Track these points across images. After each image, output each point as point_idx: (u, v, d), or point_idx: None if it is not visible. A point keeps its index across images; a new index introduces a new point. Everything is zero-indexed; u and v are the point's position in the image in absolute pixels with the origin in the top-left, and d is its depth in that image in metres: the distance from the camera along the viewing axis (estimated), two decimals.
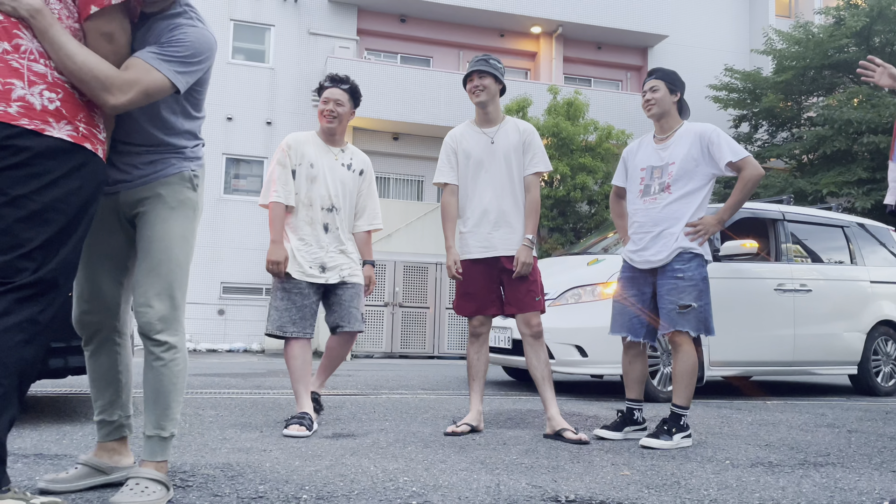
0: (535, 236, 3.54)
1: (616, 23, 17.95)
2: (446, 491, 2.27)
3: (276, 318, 3.53)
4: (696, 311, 3.33)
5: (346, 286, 3.68)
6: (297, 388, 3.54)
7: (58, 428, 3.38)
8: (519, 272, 3.46)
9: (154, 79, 1.96)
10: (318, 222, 3.63)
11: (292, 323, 3.53)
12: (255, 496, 2.13)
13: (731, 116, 17.18)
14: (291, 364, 3.54)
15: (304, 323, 3.55)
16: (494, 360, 5.91)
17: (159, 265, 2.09)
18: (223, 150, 16.05)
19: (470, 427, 3.52)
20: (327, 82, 3.76)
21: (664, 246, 3.40)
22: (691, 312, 3.33)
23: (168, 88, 2.00)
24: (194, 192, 2.19)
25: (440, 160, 3.69)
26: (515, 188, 3.57)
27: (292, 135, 3.74)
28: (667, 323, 3.36)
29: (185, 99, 2.16)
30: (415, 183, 17.68)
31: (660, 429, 3.28)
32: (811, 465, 2.89)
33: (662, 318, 3.39)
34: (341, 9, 17.14)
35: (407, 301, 13.78)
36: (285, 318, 3.52)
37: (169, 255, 2.10)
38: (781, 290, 5.75)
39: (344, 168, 3.75)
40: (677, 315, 3.32)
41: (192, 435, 3.27)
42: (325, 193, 3.65)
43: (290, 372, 3.56)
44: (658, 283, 3.42)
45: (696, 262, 3.38)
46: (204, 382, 6.21)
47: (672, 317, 3.34)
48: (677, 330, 3.34)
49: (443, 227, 3.64)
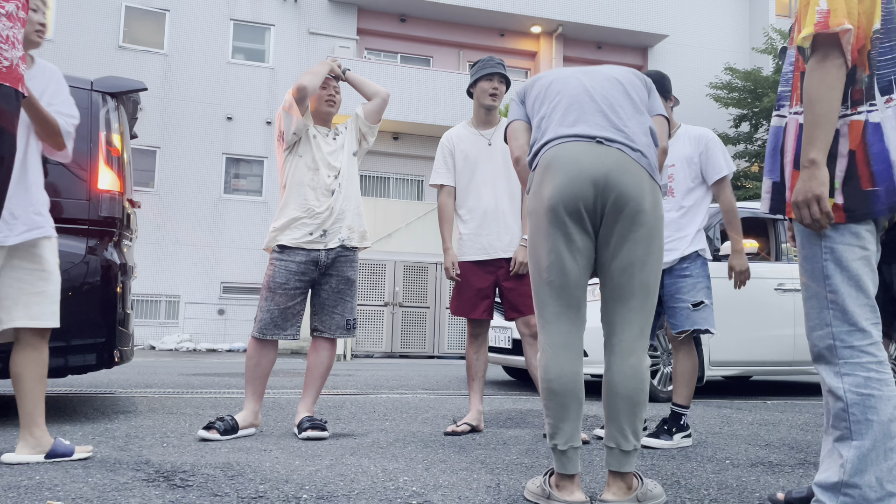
0: None
1: (616, 22, 17.95)
2: (446, 491, 2.26)
3: (259, 319, 3.37)
4: (709, 309, 3.34)
5: (333, 290, 3.45)
6: (246, 390, 3.38)
7: (58, 428, 3.38)
8: (516, 271, 3.47)
9: None
10: (323, 185, 3.42)
11: (274, 325, 3.35)
12: (255, 496, 2.13)
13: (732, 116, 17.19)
14: (248, 363, 3.38)
15: (285, 325, 3.37)
16: (494, 360, 5.91)
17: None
18: (223, 150, 16.05)
19: (470, 427, 3.52)
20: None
21: (673, 247, 3.39)
22: (705, 310, 3.33)
23: None
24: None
25: (436, 161, 3.69)
26: (513, 189, 3.58)
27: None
28: (681, 322, 3.32)
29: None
30: (415, 183, 17.68)
31: (660, 428, 3.29)
32: (811, 465, 2.88)
33: (675, 318, 3.35)
34: (341, 8, 17.14)
35: (407, 301, 13.78)
36: (266, 320, 3.34)
37: None
38: (781, 289, 5.74)
39: (335, 140, 3.53)
40: (692, 313, 3.31)
41: (192, 435, 3.27)
42: (324, 158, 3.45)
43: (245, 371, 3.39)
44: (665, 283, 3.41)
45: (700, 262, 3.39)
46: (204, 382, 6.21)
47: (687, 314, 3.32)
48: (696, 329, 3.31)
49: (440, 228, 3.65)
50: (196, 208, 15.70)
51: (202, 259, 15.64)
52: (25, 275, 2.56)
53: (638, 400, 2.03)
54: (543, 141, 2.15)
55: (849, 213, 1.72)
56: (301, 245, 3.37)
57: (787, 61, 1.92)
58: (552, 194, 2.03)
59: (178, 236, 15.54)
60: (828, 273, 1.74)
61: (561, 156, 2.06)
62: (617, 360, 2.06)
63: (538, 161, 2.13)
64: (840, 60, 1.70)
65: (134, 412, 4.01)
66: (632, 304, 2.06)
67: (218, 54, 16.22)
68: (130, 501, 2.04)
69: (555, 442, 2.04)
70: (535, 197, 2.10)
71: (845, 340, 1.72)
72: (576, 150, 2.05)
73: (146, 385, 5.76)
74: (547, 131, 2.16)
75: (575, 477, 2.03)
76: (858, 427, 1.68)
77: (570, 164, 2.03)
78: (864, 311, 1.72)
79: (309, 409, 3.42)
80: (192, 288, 15.49)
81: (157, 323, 15.33)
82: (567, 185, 2.01)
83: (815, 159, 1.70)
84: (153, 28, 16.01)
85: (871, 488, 1.65)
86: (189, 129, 15.79)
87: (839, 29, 1.68)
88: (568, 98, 2.19)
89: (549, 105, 2.22)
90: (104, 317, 3.46)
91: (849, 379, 1.71)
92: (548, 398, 2.05)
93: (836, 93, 1.70)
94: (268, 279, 3.38)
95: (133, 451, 2.83)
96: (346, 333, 3.49)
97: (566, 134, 2.10)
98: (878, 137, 1.72)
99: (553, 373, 2.02)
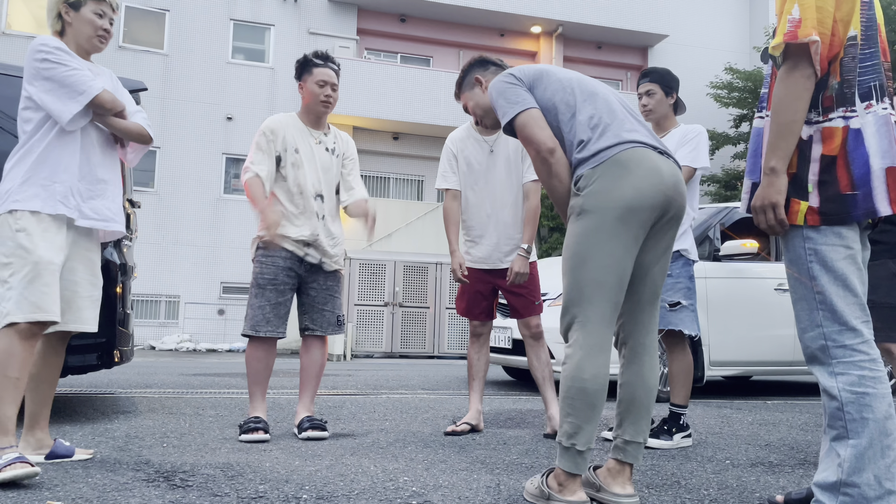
0: (533, 244, 3.54)
1: (616, 22, 17.95)
2: (446, 491, 2.27)
3: (250, 317, 3.30)
4: (687, 310, 3.33)
5: (321, 287, 3.43)
6: (254, 391, 3.33)
7: (58, 428, 3.38)
8: (512, 282, 3.46)
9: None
10: (311, 210, 3.36)
11: (266, 321, 3.29)
12: (255, 496, 2.13)
13: (732, 116, 17.18)
14: (253, 366, 3.32)
15: (277, 321, 3.32)
16: (495, 360, 5.92)
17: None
18: (223, 150, 16.05)
19: (470, 426, 3.52)
20: (318, 59, 3.43)
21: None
22: (683, 311, 3.33)
23: None
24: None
25: (441, 164, 3.68)
26: (516, 196, 3.54)
27: (272, 118, 3.43)
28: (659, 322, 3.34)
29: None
30: (415, 183, 17.69)
31: (660, 428, 3.29)
32: (811, 464, 2.88)
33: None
34: (341, 8, 17.14)
35: (407, 301, 13.78)
36: (259, 317, 3.29)
37: None
38: (781, 289, 5.75)
39: (328, 153, 3.48)
40: (668, 313, 3.32)
41: (192, 435, 3.27)
42: (313, 180, 3.39)
43: (249, 374, 3.33)
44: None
45: (681, 262, 3.38)
46: (204, 382, 6.22)
47: (663, 314, 3.32)
48: (671, 329, 3.33)
49: (446, 231, 3.62)
50: (196, 208, 15.70)
51: (202, 259, 15.64)
52: (80, 278, 2.58)
53: (655, 393, 2.20)
54: (615, 141, 2.08)
55: (824, 216, 1.74)
56: (290, 247, 3.33)
57: (769, 63, 1.93)
58: (633, 196, 2.01)
59: (178, 236, 15.54)
60: (814, 274, 1.75)
61: (641, 160, 2.05)
62: (647, 359, 2.19)
63: (604, 159, 2.06)
64: (809, 71, 1.72)
65: (134, 412, 4.01)
66: (657, 305, 2.22)
67: (218, 54, 16.22)
68: (130, 501, 2.04)
69: (574, 442, 1.99)
70: (600, 195, 2.04)
71: (837, 340, 1.73)
72: (653, 157, 2.07)
73: (146, 385, 5.76)
74: (607, 131, 2.10)
75: (578, 477, 2.04)
76: (855, 426, 1.68)
77: (652, 171, 2.05)
78: (853, 310, 1.73)
79: (308, 408, 3.41)
80: (192, 288, 15.50)
81: (157, 323, 15.33)
82: (648, 189, 2.03)
83: (775, 167, 1.74)
84: (153, 28, 16.01)
85: (869, 486, 1.66)
86: (189, 129, 15.79)
87: (807, 40, 1.69)
88: (604, 101, 2.18)
89: (590, 105, 2.16)
90: (104, 317, 3.45)
91: (843, 378, 1.71)
92: (577, 397, 2.00)
93: (803, 103, 1.73)
94: (256, 276, 3.33)
95: (133, 451, 2.83)
96: (337, 330, 3.47)
97: (636, 140, 2.09)
98: (858, 143, 1.73)
99: (589, 372, 2.00)
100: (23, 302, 2.33)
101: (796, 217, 1.76)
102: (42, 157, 2.45)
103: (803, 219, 1.75)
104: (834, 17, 1.74)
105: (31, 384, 2.60)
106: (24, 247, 2.37)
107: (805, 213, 1.75)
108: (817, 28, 1.70)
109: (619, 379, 2.21)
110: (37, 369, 2.61)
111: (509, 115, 2.21)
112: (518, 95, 2.23)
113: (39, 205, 2.41)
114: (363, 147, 16.70)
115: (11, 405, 2.32)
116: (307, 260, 3.37)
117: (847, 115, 1.75)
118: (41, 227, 2.41)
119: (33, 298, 2.34)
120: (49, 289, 2.38)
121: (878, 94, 1.77)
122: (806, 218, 1.75)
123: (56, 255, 2.43)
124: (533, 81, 2.25)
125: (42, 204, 2.42)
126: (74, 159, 2.51)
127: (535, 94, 2.23)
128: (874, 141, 1.73)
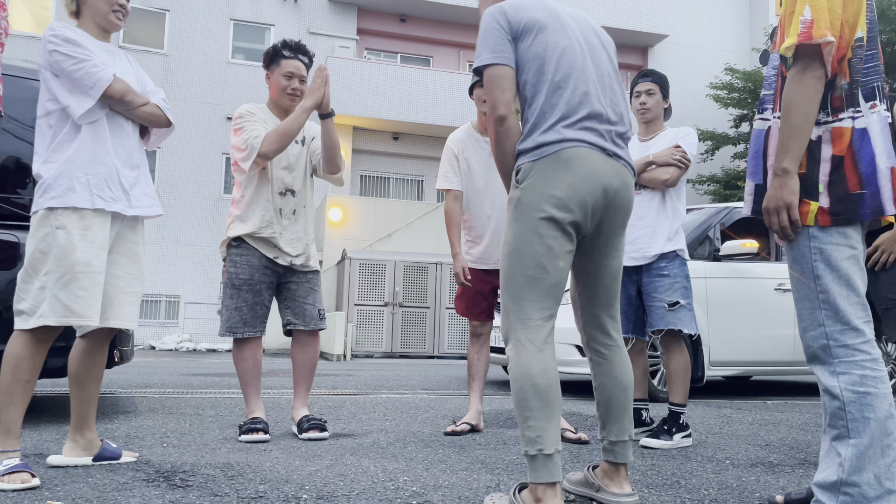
0: None
1: (616, 22, 17.95)
2: (446, 491, 2.27)
3: (226, 319, 3.25)
4: (685, 309, 3.34)
5: (301, 281, 3.38)
6: (248, 392, 3.30)
7: (58, 428, 3.38)
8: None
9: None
10: (275, 206, 3.29)
11: (243, 323, 3.25)
12: (255, 496, 2.13)
13: (732, 116, 17.19)
14: (241, 367, 3.29)
15: (255, 322, 3.28)
16: (495, 360, 5.91)
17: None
18: (223, 150, 16.05)
19: (470, 426, 3.52)
20: (286, 51, 3.34)
21: (649, 243, 3.39)
22: (681, 310, 3.33)
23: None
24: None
25: (443, 165, 3.67)
26: None
27: (245, 105, 3.34)
28: (656, 322, 3.33)
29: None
30: (415, 183, 17.69)
31: (660, 428, 3.29)
32: (811, 464, 2.88)
33: (651, 318, 3.37)
34: (341, 8, 17.14)
35: (407, 301, 13.78)
36: (235, 318, 3.24)
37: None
38: (781, 289, 5.74)
39: (297, 145, 3.39)
40: (667, 313, 3.32)
41: (192, 435, 3.27)
42: (279, 176, 3.32)
43: (240, 375, 3.30)
44: (643, 282, 3.42)
45: (678, 261, 3.39)
46: (204, 382, 6.22)
47: (662, 314, 3.33)
48: (671, 329, 3.33)
49: (448, 233, 3.61)
50: (196, 208, 15.70)
51: (202, 259, 15.64)
52: (122, 272, 2.51)
53: (631, 390, 2.18)
54: (556, 138, 1.98)
55: (834, 216, 1.74)
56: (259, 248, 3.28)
57: (770, 65, 1.94)
58: (567, 196, 1.94)
59: (178, 236, 15.54)
60: (818, 273, 1.76)
61: (582, 160, 1.96)
62: (616, 358, 2.16)
63: (544, 154, 1.97)
64: (820, 72, 1.73)
65: (134, 412, 4.01)
66: (616, 307, 2.20)
67: (218, 54, 16.22)
68: (130, 501, 2.04)
69: (540, 447, 1.84)
70: (535, 192, 1.96)
71: (839, 339, 1.73)
72: (596, 159, 1.98)
73: (146, 385, 5.76)
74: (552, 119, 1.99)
75: (557, 485, 1.85)
76: (856, 425, 1.69)
77: (590, 174, 1.96)
78: (855, 310, 1.74)
79: (305, 404, 3.41)
80: (192, 288, 15.50)
81: (157, 323, 15.33)
82: (585, 191, 1.95)
83: (787, 168, 1.74)
84: (153, 28, 16.01)
85: (869, 486, 1.66)
86: (189, 129, 15.79)
87: (822, 41, 1.70)
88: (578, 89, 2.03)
89: (550, 73, 2.02)
90: None
91: (844, 377, 1.72)
92: (531, 397, 1.88)
93: (814, 105, 1.73)
94: (231, 277, 3.27)
95: (133, 450, 2.83)
96: (320, 323, 3.41)
97: (582, 139, 1.98)
98: (865, 142, 1.75)
99: (537, 367, 1.90)
100: (56, 304, 2.29)
101: (806, 217, 1.76)
102: (77, 149, 2.38)
103: (814, 219, 1.76)
104: (841, 20, 1.75)
105: (76, 383, 2.53)
106: (61, 246, 2.31)
107: (815, 213, 1.75)
108: (830, 29, 1.71)
109: (593, 382, 2.18)
110: (83, 368, 2.54)
111: (479, 63, 2.06)
112: (498, 44, 2.04)
113: (79, 200, 2.34)
114: (363, 147, 16.70)
115: (19, 408, 2.30)
116: (278, 262, 3.31)
117: (854, 115, 1.76)
118: (82, 224, 2.35)
119: (67, 301, 2.30)
120: (85, 292, 2.32)
121: (881, 95, 1.78)
122: (816, 218, 1.75)
123: (95, 256, 2.36)
124: (522, 32, 2.05)
125: (81, 199, 2.34)
126: (108, 147, 2.44)
127: (518, 47, 2.05)
128: (879, 140, 1.75)
